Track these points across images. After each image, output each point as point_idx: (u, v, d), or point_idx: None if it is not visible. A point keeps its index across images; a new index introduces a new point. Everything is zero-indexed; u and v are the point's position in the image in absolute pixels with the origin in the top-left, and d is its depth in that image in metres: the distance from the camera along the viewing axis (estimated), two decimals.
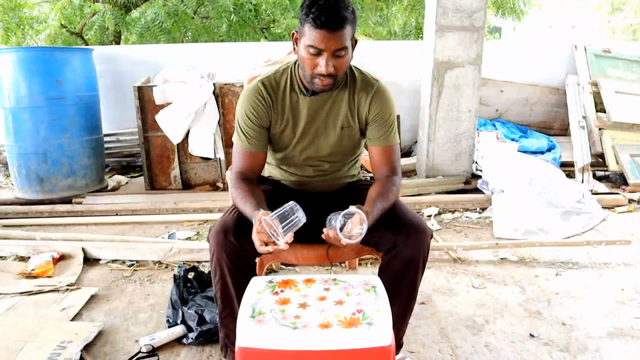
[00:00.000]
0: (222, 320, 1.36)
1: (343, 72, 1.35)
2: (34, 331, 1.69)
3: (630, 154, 3.72)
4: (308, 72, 1.33)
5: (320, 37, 1.25)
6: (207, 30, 6.36)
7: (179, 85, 3.48)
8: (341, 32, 1.26)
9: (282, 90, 1.45)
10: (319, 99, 1.44)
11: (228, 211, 1.38)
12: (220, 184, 3.65)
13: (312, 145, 1.49)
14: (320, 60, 1.29)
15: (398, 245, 1.30)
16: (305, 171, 1.54)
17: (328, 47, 1.26)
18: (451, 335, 1.74)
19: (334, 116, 1.46)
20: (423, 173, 3.59)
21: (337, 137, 1.48)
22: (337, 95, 1.45)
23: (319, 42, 1.26)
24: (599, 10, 18.91)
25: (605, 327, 1.78)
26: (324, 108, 1.45)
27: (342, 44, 1.27)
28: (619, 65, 4.35)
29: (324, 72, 1.29)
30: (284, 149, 1.50)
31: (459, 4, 3.25)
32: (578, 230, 2.76)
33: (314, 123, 1.46)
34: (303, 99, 1.44)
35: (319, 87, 1.35)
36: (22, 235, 2.62)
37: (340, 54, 1.29)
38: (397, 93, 4.24)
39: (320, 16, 1.23)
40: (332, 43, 1.26)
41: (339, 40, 1.26)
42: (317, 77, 1.32)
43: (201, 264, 2.31)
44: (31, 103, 3.25)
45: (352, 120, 1.47)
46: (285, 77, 1.45)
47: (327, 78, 1.31)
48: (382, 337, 0.99)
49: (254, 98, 1.43)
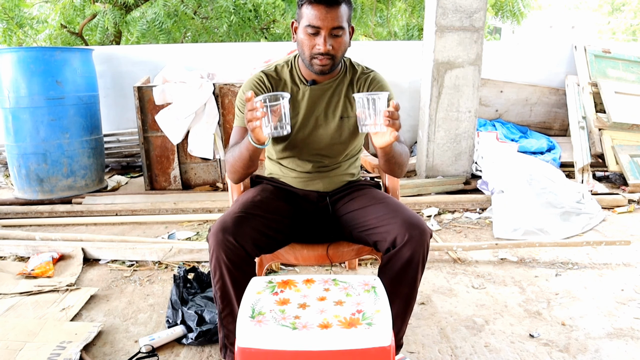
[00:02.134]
0: (221, 321, 1.36)
1: (341, 53, 1.39)
2: (33, 331, 1.69)
3: (630, 154, 3.72)
4: (307, 53, 1.38)
5: (317, 13, 1.31)
6: (207, 30, 6.36)
7: (179, 85, 3.48)
8: (338, 8, 1.32)
9: (282, 81, 1.50)
10: (319, 89, 1.49)
11: (228, 211, 1.37)
12: (220, 184, 3.65)
13: (312, 135, 1.50)
14: (318, 40, 1.34)
15: (397, 245, 1.30)
16: (305, 166, 1.54)
17: (325, 25, 1.32)
18: (451, 336, 1.74)
19: (333, 106, 1.50)
20: (423, 173, 3.60)
21: (336, 126, 1.50)
22: (336, 86, 1.50)
23: (316, 18, 1.32)
24: (598, 10, 18.94)
25: (605, 328, 1.78)
26: (324, 98, 1.49)
27: (339, 22, 1.33)
28: (618, 66, 4.36)
29: (322, 51, 1.34)
30: (284, 139, 1.51)
31: (459, 4, 3.25)
32: (578, 231, 2.76)
33: (314, 113, 1.50)
34: (303, 88, 1.49)
35: (318, 68, 1.39)
36: (21, 236, 2.61)
37: (338, 33, 1.34)
38: (397, 93, 4.26)
39: None
40: (329, 19, 1.31)
41: (335, 16, 1.32)
42: (316, 57, 1.36)
43: (201, 264, 2.31)
44: (31, 103, 3.25)
45: (351, 110, 1.51)
46: (286, 69, 1.51)
47: (325, 57, 1.36)
48: (382, 337, 0.99)
49: (256, 84, 1.48)
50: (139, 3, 6.01)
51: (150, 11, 5.58)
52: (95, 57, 3.72)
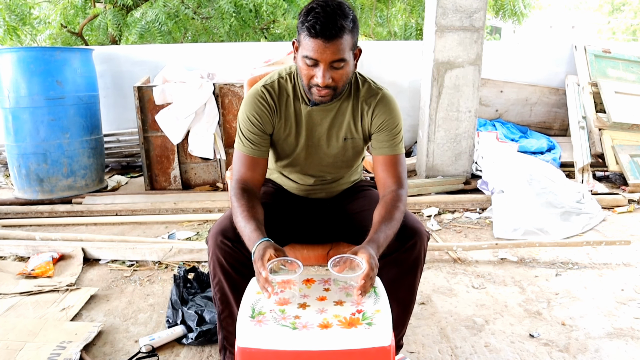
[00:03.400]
0: (220, 322, 1.35)
1: (343, 84, 1.27)
2: (33, 331, 1.69)
3: (630, 154, 3.72)
4: (305, 82, 1.27)
5: (315, 47, 1.18)
6: (207, 30, 6.37)
7: (179, 85, 3.48)
8: (338, 42, 1.17)
9: (285, 97, 1.39)
10: (322, 110, 1.38)
11: (227, 213, 1.36)
12: (220, 184, 3.65)
13: (315, 155, 1.45)
14: (317, 72, 1.22)
15: (396, 249, 1.29)
16: (307, 180, 1.52)
17: (324, 58, 1.19)
18: (451, 336, 1.74)
19: (337, 128, 1.41)
20: (423, 173, 3.60)
21: (339, 148, 1.43)
22: (340, 106, 1.39)
23: (314, 52, 1.18)
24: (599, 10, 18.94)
25: (605, 328, 1.78)
26: (327, 119, 1.40)
27: (339, 55, 1.19)
28: (618, 66, 4.36)
29: (320, 84, 1.22)
30: (286, 156, 1.47)
31: (459, 4, 3.25)
32: (578, 231, 2.76)
33: (316, 133, 1.41)
34: (305, 108, 1.39)
35: (317, 99, 1.29)
36: (22, 236, 2.61)
37: (338, 66, 1.21)
38: (397, 93, 4.27)
39: (315, 25, 1.16)
40: (328, 54, 1.18)
41: (335, 50, 1.18)
42: (314, 88, 1.26)
43: (201, 264, 2.31)
44: (31, 103, 3.25)
45: (356, 131, 1.41)
46: (289, 83, 1.40)
47: (324, 89, 1.24)
48: (382, 337, 0.99)
49: (257, 103, 1.37)
50: (139, 3, 6.01)
51: (150, 12, 5.58)
52: (95, 57, 3.72)
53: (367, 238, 1.19)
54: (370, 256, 1.11)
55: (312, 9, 1.18)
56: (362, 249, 1.13)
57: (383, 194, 1.37)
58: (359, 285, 1.08)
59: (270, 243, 1.14)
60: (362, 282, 1.07)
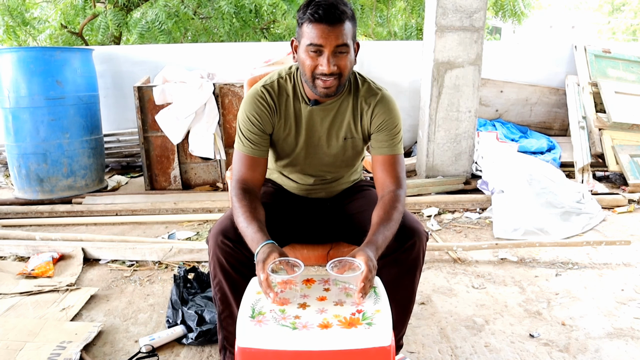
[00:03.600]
0: (220, 322, 1.35)
1: (347, 72, 1.27)
2: (33, 331, 1.69)
3: (630, 154, 3.72)
4: (309, 74, 1.26)
5: (319, 32, 1.20)
6: (207, 30, 6.37)
7: (178, 85, 3.48)
8: (341, 26, 1.21)
9: (285, 97, 1.39)
10: (322, 109, 1.39)
11: (227, 213, 1.36)
12: (220, 184, 3.65)
13: (314, 155, 1.45)
14: (321, 60, 1.23)
15: (395, 249, 1.29)
16: (307, 180, 1.52)
17: (328, 43, 1.21)
18: (451, 336, 1.74)
19: (336, 127, 1.41)
20: (423, 173, 3.60)
21: (339, 148, 1.44)
22: (340, 106, 1.40)
23: (318, 37, 1.21)
24: (599, 10, 18.93)
25: (605, 328, 1.78)
26: (327, 119, 1.40)
27: (342, 39, 1.22)
28: (618, 66, 4.36)
29: (326, 71, 1.23)
30: (286, 156, 1.47)
31: (459, 4, 3.25)
32: (578, 231, 2.76)
33: (316, 133, 1.41)
34: (305, 107, 1.39)
35: (322, 91, 1.28)
36: (22, 236, 2.61)
37: (342, 51, 1.23)
38: (397, 93, 4.27)
39: (318, 10, 1.20)
40: (332, 38, 1.21)
41: (339, 34, 1.21)
42: (319, 79, 1.25)
43: (201, 264, 2.31)
44: (31, 103, 3.25)
45: (356, 131, 1.42)
46: (289, 83, 1.40)
47: (330, 78, 1.24)
48: (382, 337, 0.99)
49: (257, 103, 1.37)
50: (139, 3, 6.01)
51: (150, 12, 5.58)
52: (95, 57, 3.72)
53: (365, 240, 1.19)
54: (368, 258, 1.11)
55: (311, 1, 1.23)
56: (360, 251, 1.13)
57: (382, 195, 1.37)
58: (358, 288, 1.08)
59: (274, 246, 1.14)
60: (361, 285, 1.08)
